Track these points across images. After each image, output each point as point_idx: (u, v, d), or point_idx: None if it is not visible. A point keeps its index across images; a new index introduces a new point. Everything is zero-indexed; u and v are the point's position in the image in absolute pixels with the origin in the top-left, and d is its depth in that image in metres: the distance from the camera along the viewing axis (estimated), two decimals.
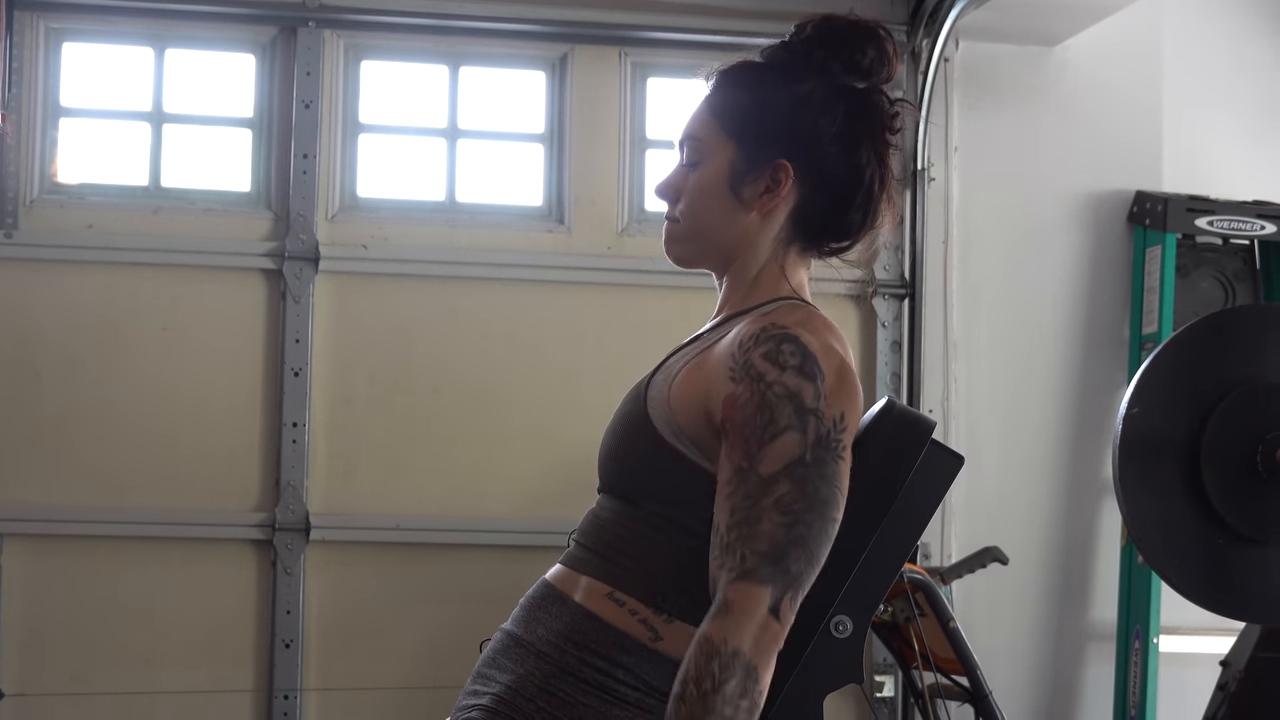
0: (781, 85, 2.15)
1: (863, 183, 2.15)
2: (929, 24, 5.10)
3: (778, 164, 2.13)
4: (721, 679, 1.87)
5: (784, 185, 2.13)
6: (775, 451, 1.94)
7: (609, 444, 2.14)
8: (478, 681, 2.10)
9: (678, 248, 2.21)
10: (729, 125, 2.15)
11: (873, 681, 5.03)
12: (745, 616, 1.89)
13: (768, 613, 1.90)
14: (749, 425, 1.96)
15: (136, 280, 4.86)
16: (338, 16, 4.96)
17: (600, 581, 2.06)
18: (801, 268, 2.19)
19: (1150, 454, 4.14)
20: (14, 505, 4.75)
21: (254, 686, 4.86)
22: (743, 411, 1.97)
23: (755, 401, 1.96)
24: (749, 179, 2.14)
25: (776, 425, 1.95)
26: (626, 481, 2.10)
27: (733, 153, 2.14)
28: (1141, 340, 5.22)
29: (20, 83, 4.84)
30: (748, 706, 1.87)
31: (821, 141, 2.13)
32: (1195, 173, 5.38)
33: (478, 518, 4.92)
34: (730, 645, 1.88)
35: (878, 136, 2.16)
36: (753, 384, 1.97)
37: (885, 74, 2.17)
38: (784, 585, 1.91)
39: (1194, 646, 5.14)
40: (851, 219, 2.17)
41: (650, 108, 5.18)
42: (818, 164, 2.14)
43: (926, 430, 2.14)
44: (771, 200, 2.14)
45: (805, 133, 2.13)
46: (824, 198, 2.15)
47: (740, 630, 1.88)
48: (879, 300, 5.17)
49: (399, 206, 5.05)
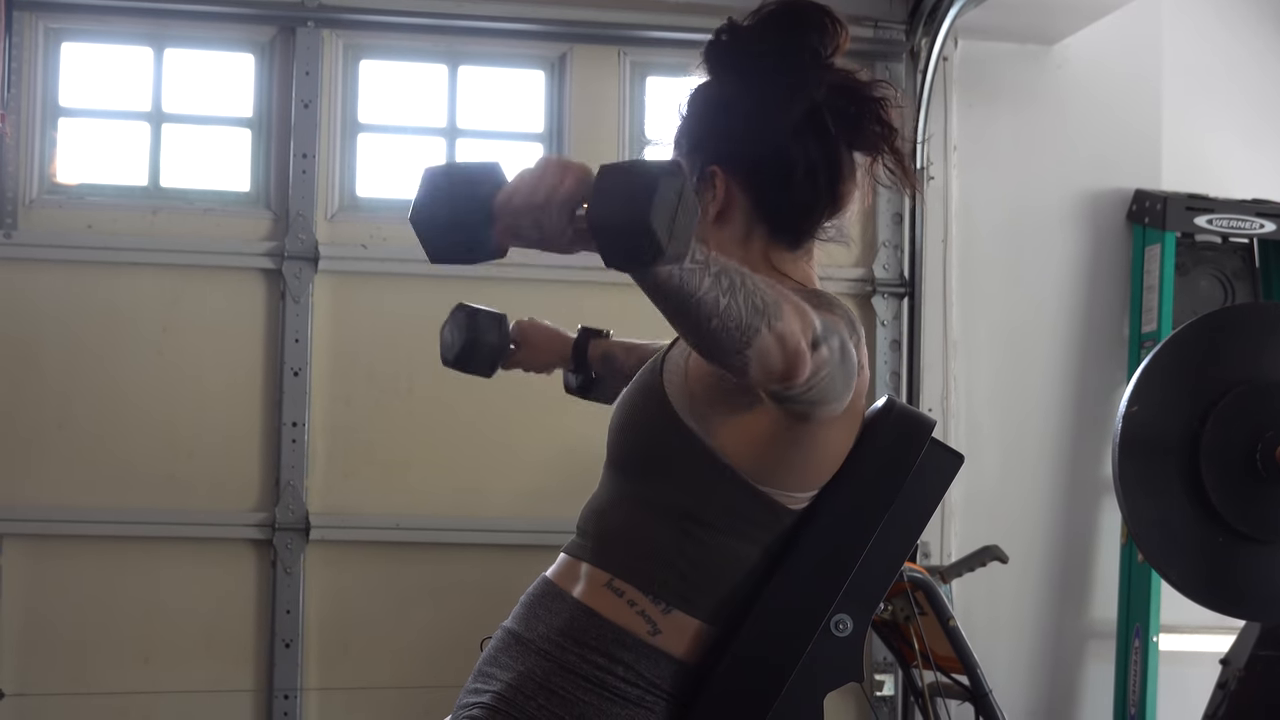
0: (701, 96, 2.18)
1: (791, 160, 2.11)
2: (928, 23, 5.10)
3: (709, 171, 2.13)
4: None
5: (720, 189, 2.12)
6: (826, 315, 1.91)
7: (621, 416, 2.15)
8: (478, 680, 2.11)
9: None
10: (678, 150, 2.18)
11: (873, 680, 5.03)
12: (800, 314, 1.82)
13: (813, 335, 1.81)
14: (802, 297, 1.93)
15: (136, 280, 4.86)
16: (337, 16, 4.96)
17: (599, 569, 2.07)
18: (801, 261, 2.17)
19: (1150, 453, 4.14)
20: (13, 505, 4.75)
21: (254, 686, 4.86)
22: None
23: (806, 296, 1.96)
24: (701, 194, 2.12)
25: (829, 309, 1.96)
26: (634, 455, 2.11)
27: None
28: (1141, 339, 5.23)
29: (19, 83, 4.84)
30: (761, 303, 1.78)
31: (735, 135, 2.12)
32: (1194, 171, 5.38)
33: (477, 517, 4.93)
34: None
35: (790, 102, 2.11)
36: (803, 294, 1.96)
37: (795, 43, 2.12)
38: (826, 334, 1.84)
39: (1194, 645, 5.14)
40: (802, 198, 2.12)
41: (649, 107, 5.18)
42: (741, 155, 2.12)
43: (926, 429, 2.15)
44: (716, 205, 2.13)
45: (719, 132, 2.14)
46: (763, 187, 2.12)
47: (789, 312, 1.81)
48: (878, 299, 5.17)
49: (398, 206, 5.05)
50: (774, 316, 1.76)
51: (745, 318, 1.74)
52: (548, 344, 2.85)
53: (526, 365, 2.87)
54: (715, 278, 1.73)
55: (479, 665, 2.13)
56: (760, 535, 2.06)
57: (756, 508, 2.05)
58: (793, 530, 2.07)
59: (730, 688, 2.03)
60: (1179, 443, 4.15)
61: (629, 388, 2.17)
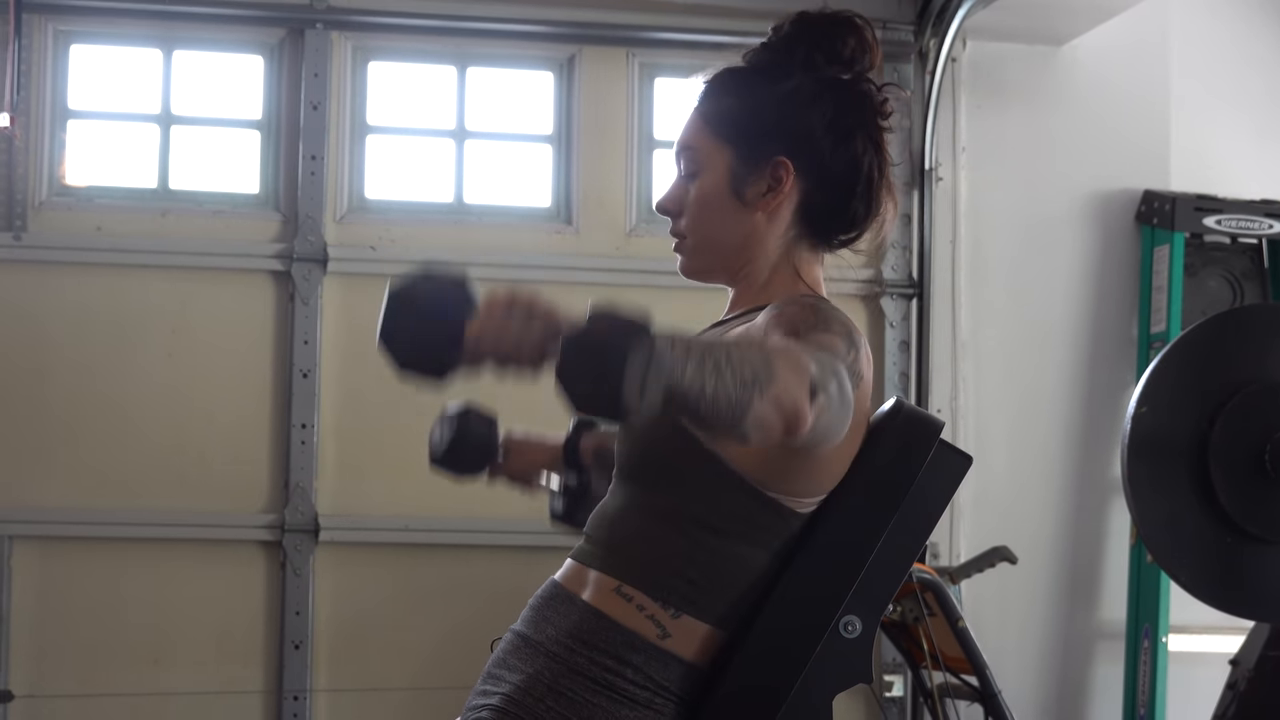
0: (768, 84, 2.16)
1: (861, 171, 2.15)
2: (936, 24, 5.11)
3: (777, 161, 2.14)
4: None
5: (786, 182, 2.14)
6: (821, 336, 1.94)
7: (628, 428, 2.15)
8: (487, 682, 2.11)
9: (689, 262, 2.22)
10: (722, 131, 2.16)
11: (882, 681, 5.03)
12: (795, 368, 1.81)
13: (809, 386, 1.80)
14: (797, 320, 1.97)
15: (145, 282, 4.86)
16: (345, 18, 4.97)
17: (608, 575, 2.07)
18: (815, 264, 2.19)
19: (1159, 453, 4.15)
20: (23, 507, 4.76)
21: (263, 688, 4.87)
22: (790, 319, 1.99)
23: (802, 316, 1.98)
24: (750, 181, 2.14)
25: (826, 326, 1.97)
26: (641, 465, 2.11)
27: (730, 157, 2.15)
28: (1150, 339, 5.22)
29: (29, 85, 4.85)
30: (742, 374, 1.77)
31: (815, 135, 2.14)
32: (1203, 172, 5.37)
33: (486, 518, 4.92)
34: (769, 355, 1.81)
35: (870, 124, 2.16)
36: (799, 310, 2.00)
37: (867, 61, 2.18)
38: (822, 380, 1.83)
39: (1203, 645, 5.14)
40: (855, 209, 2.17)
41: (658, 108, 5.19)
42: (815, 157, 2.14)
43: (935, 430, 2.14)
44: (775, 199, 2.15)
45: (799, 128, 2.14)
46: (826, 190, 2.16)
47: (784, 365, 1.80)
48: (887, 300, 5.17)
49: (407, 208, 5.06)
50: (765, 383, 1.76)
51: (735, 394, 1.74)
52: (537, 447, 2.71)
53: (514, 474, 2.72)
54: (697, 365, 1.73)
55: (488, 667, 2.14)
56: (768, 539, 2.06)
57: (764, 513, 2.04)
58: (801, 533, 2.07)
59: (739, 689, 2.03)
60: (1188, 443, 4.15)
61: None
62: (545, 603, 2.13)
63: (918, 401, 5.08)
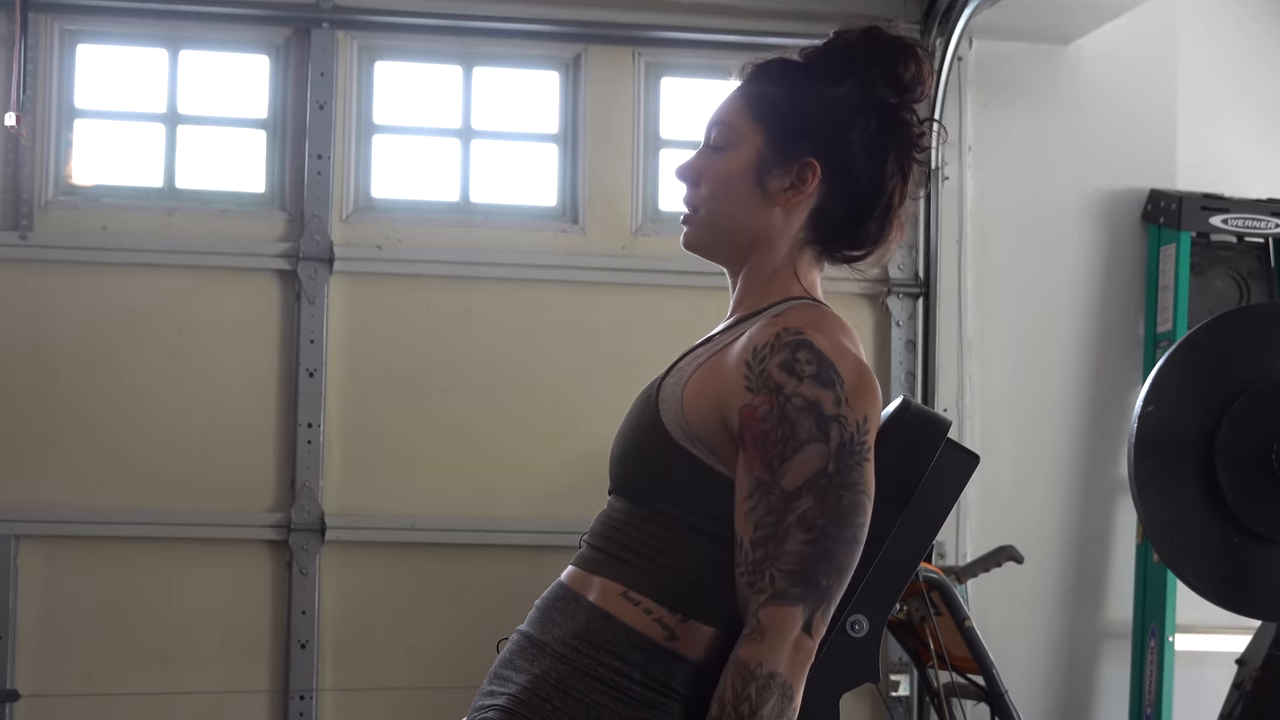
0: (818, 84, 2.15)
1: (884, 193, 2.15)
2: (942, 23, 5.10)
3: (806, 161, 2.13)
4: (759, 702, 1.91)
5: (810, 183, 2.13)
6: (797, 466, 1.95)
7: (620, 447, 2.14)
8: (494, 682, 2.10)
9: (695, 234, 2.20)
10: (762, 115, 2.16)
11: (888, 680, 5.02)
12: (779, 638, 1.93)
13: (801, 632, 1.93)
14: (769, 439, 1.96)
15: (151, 281, 4.87)
16: (351, 17, 4.97)
17: (614, 581, 2.07)
18: (815, 270, 2.19)
19: (1165, 452, 4.14)
20: (30, 506, 4.77)
21: (270, 687, 4.87)
22: (762, 425, 1.97)
23: (775, 415, 1.96)
24: (776, 172, 2.14)
25: (797, 439, 1.95)
26: (638, 484, 2.10)
27: (762, 143, 2.14)
28: (1156, 339, 5.22)
29: (35, 84, 4.85)
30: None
31: (851, 146, 2.13)
32: (1209, 171, 5.37)
33: (492, 517, 4.93)
34: (765, 668, 1.92)
35: (905, 152, 2.16)
36: (771, 396, 1.97)
37: (920, 92, 2.18)
38: (815, 602, 1.94)
39: (1210, 645, 5.14)
40: (869, 229, 2.17)
41: (664, 107, 5.18)
42: (845, 167, 2.14)
43: (942, 429, 2.14)
44: (796, 196, 2.14)
45: (837, 134, 2.13)
46: (846, 202, 2.15)
47: (775, 653, 1.92)
48: (893, 299, 5.16)
49: (413, 207, 5.06)
50: (787, 702, 1.94)
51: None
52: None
53: None
54: None
55: (494, 668, 2.13)
56: None
57: None
58: None
59: None
60: (1194, 443, 4.15)
61: (625, 423, 2.15)
62: (552, 604, 2.12)
63: (924, 400, 5.08)
